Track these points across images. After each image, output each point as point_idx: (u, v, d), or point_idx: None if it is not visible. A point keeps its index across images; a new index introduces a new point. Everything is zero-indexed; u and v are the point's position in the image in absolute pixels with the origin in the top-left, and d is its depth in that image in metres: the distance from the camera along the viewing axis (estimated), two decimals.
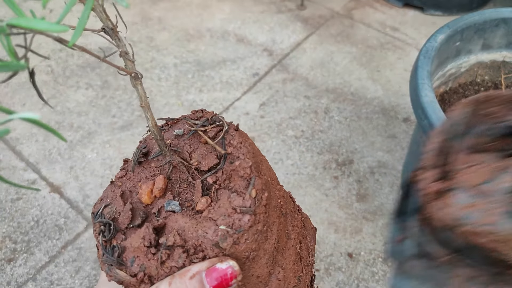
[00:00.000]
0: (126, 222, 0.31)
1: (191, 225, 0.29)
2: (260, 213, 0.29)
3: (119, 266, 0.29)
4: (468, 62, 0.85)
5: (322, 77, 1.29)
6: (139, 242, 0.29)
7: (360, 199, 0.99)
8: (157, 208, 0.32)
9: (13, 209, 0.97)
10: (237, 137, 0.32)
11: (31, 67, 0.23)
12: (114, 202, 0.32)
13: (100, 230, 0.31)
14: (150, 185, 0.32)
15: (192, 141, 0.34)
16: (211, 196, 0.31)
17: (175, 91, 1.24)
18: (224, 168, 0.31)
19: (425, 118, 0.63)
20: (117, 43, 0.28)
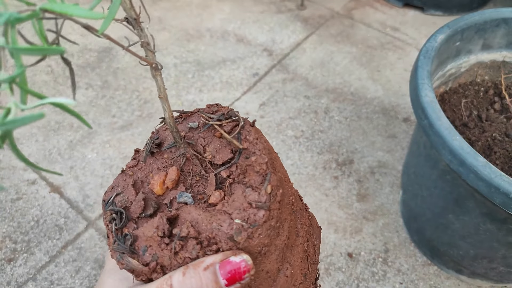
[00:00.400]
0: (138, 212, 0.31)
1: (205, 218, 0.29)
2: (274, 209, 0.30)
3: (131, 255, 0.29)
4: (468, 62, 0.85)
5: (322, 77, 1.29)
6: (152, 232, 0.29)
7: (360, 199, 0.99)
8: (169, 199, 0.32)
9: (13, 209, 0.97)
10: (253, 133, 0.33)
11: (30, 67, 0.23)
12: (125, 191, 0.33)
13: (112, 218, 0.31)
14: (163, 176, 0.33)
15: (206, 135, 0.34)
16: (224, 190, 0.31)
17: (175, 91, 1.24)
18: (238, 163, 0.31)
19: (425, 118, 0.63)
20: (139, 33, 0.28)
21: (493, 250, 0.70)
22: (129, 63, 1.32)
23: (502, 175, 0.55)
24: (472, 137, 0.78)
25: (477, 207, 0.65)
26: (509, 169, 0.73)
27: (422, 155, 0.76)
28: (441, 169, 0.69)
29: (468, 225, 0.69)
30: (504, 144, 0.76)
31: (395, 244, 0.92)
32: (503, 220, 0.63)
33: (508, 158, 0.74)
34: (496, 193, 0.55)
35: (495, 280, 0.82)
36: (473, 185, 0.58)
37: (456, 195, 0.68)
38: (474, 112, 0.84)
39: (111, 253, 0.30)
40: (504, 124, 0.80)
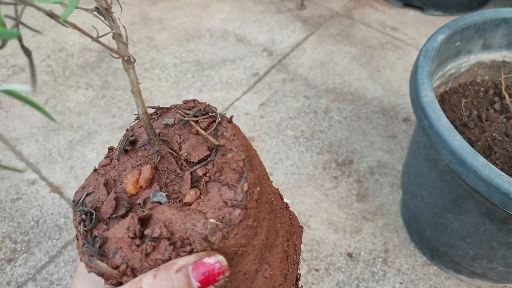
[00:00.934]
0: (109, 212, 0.30)
1: (179, 217, 0.28)
2: (251, 207, 0.29)
3: (100, 257, 0.28)
4: (468, 62, 0.85)
5: (321, 77, 1.29)
6: (122, 233, 0.28)
7: (360, 199, 0.99)
8: (143, 198, 0.31)
9: (13, 209, 0.97)
10: (230, 129, 0.31)
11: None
12: (97, 191, 0.31)
13: (81, 219, 0.29)
14: (136, 175, 0.31)
15: (182, 132, 0.33)
16: (200, 189, 0.30)
17: (175, 91, 1.24)
18: (215, 160, 0.30)
19: (425, 118, 0.63)
20: (110, 24, 0.26)
21: (492, 250, 0.70)
22: None
23: (502, 175, 0.55)
24: (472, 137, 0.78)
25: (477, 207, 0.65)
26: (509, 169, 0.73)
27: (422, 155, 0.76)
28: (440, 169, 0.69)
29: (468, 225, 0.70)
30: (504, 144, 0.76)
31: (395, 244, 0.92)
32: (503, 220, 0.63)
33: (508, 158, 0.74)
34: (496, 193, 0.55)
35: (495, 280, 0.82)
36: (473, 185, 0.58)
37: (455, 195, 0.68)
38: (474, 112, 0.84)
39: (80, 256, 0.29)
40: (504, 124, 0.80)
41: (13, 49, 1.35)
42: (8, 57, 1.33)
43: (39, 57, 1.33)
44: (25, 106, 1.19)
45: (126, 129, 0.35)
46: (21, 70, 1.28)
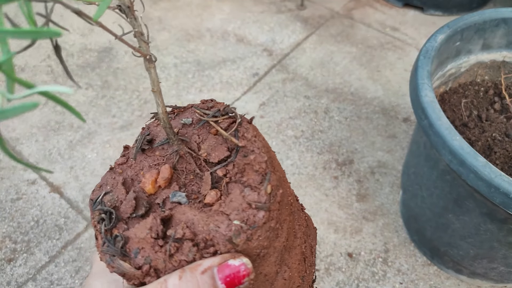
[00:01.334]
0: (129, 212, 0.29)
1: (201, 218, 0.28)
2: (274, 210, 0.28)
3: (123, 257, 0.28)
4: (468, 62, 0.85)
5: (322, 77, 1.29)
6: (145, 233, 0.28)
7: (360, 199, 0.99)
8: (162, 198, 0.30)
9: (13, 209, 0.97)
10: (251, 130, 0.31)
11: (31, 67, 0.22)
12: (115, 190, 0.31)
13: (100, 218, 0.29)
14: (155, 174, 0.31)
15: (201, 132, 0.33)
16: (220, 190, 0.30)
17: (175, 91, 1.24)
18: (235, 161, 0.30)
19: (425, 118, 0.63)
20: (132, 23, 0.26)
21: (493, 250, 0.70)
22: (129, 63, 1.32)
23: (502, 175, 0.55)
24: (472, 137, 0.78)
25: (477, 207, 0.65)
26: (509, 169, 0.73)
27: (422, 155, 0.76)
28: (441, 169, 0.69)
29: (468, 225, 0.69)
30: (504, 144, 0.76)
31: (395, 244, 0.92)
32: (503, 220, 0.63)
33: (508, 158, 0.74)
34: (496, 193, 0.55)
35: (495, 280, 0.82)
36: (473, 185, 0.58)
37: (456, 195, 0.68)
38: (474, 112, 0.84)
39: (100, 255, 0.28)
40: (504, 124, 0.80)
41: (12, 49, 1.35)
42: None
43: (39, 57, 1.33)
44: None
45: (142, 128, 0.35)
46: (21, 70, 1.28)
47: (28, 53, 1.34)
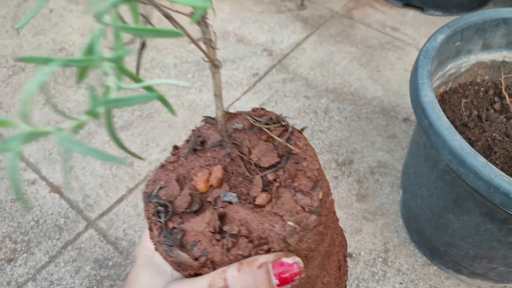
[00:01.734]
0: (183, 207, 0.31)
1: (255, 218, 0.30)
2: (324, 215, 0.30)
3: (181, 248, 0.29)
4: (468, 62, 0.85)
5: (322, 77, 1.29)
6: (203, 227, 0.29)
7: (360, 199, 0.99)
8: (213, 197, 0.32)
9: (13, 209, 0.97)
10: (303, 139, 0.33)
11: (31, 67, 0.23)
12: (169, 186, 0.33)
13: (156, 211, 0.31)
14: (207, 174, 0.33)
15: (252, 137, 0.34)
16: (271, 193, 0.31)
17: (175, 91, 1.24)
18: (286, 167, 0.32)
19: (425, 118, 0.63)
20: (203, 29, 0.28)
21: (493, 250, 0.70)
22: (129, 63, 1.32)
23: (502, 175, 0.55)
24: (472, 137, 0.78)
25: (477, 207, 0.65)
26: (509, 169, 0.73)
27: (422, 155, 0.76)
28: (441, 169, 0.69)
29: (468, 225, 0.69)
30: (504, 144, 0.76)
31: (395, 244, 0.92)
32: (503, 220, 0.63)
33: (508, 158, 0.74)
34: (496, 193, 0.55)
35: (495, 280, 0.82)
36: (473, 185, 0.58)
37: (456, 195, 0.68)
38: (474, 112, 0.84)
39: (156, 246, 0.30)
40: (504, 124, 0.80)
41: (13, 49, 1.35)
42: (8, 57, 1.33)
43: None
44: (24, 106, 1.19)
45: (192, 129, 0.36)
46: (21, 70, 1.28)
47: (28, 53, 1.34)
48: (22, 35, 1.40)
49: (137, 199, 0.99)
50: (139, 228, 0.94)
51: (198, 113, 1.18)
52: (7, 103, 1.19)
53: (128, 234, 0.93)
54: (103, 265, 0.88)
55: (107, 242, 0.92)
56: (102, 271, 0.88)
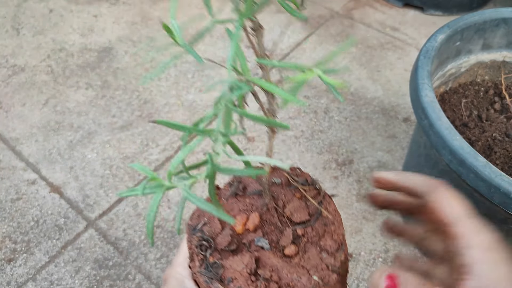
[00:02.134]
0: (223, 244, 0.35)
1: (284, 267, 0.34)
2: (342, 275, 0.34)
3: (220, 282, 0.33)
4: (468, 62, 0.85)
5: None
6: (241, 267, 0.33)
7: (360, 199, 0.99)
8: (248, 240, 0.36)
9: (13, 209, 0.97)
10: (333, 205, 0.38)
11: (31, 67, 0.23)
12: (211, 223, 0.37)
13: (200, 244, 0.35)
14: (245, 218, 0.37)
15: (287, 193, 0.39)
16: (298, 246, 0.35)
17: (175, 91, 1.24)
18: (314, 226, 0.36)
19: (425, 118, 0.63)
20: (269, 101, 0.33)
21: None
22: (129, 63, 1.32)
23: (502, 175, 0.55)
24: (472, 137, 0.78)
25: (477, 207, 0.65)
26: (509, 169, 0.73)
27: (422, 155, 0.76)
28: (441, 169, 0.69)
29: None
30: (504, 144, 0.76)
31: (395, 244, 0.92)
32: (503, 220, 0.63)
33: (508, 158, 0.74)
34: (496, 193, 0.55)
35: None
36: (473, 185, 0.58)
37: None
38: (474, 112, 0.84)
39: (196, 275, 0.34)
40: (504, 124, 0.80)
41: (13, 49, 1.35)
42: (8, 57, 1.32)
43: (39, 57, 1.33)
44: (24, 106, 1.19)
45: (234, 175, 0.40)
46: (21, 70, 1.28)
47: (28, 53, 1.34)
48: (22, 35, 1.40)
49: (137, 199, 0.99)
50: (139, 228, 0.94)
51: (198, 113, 1.18)
52: (7, 103, 1.19)
53: (128, 234, 0.93)
54: (103, 265, 0.88)
55: (107, 242, 0.92)
56: (102, 271, 0.88)
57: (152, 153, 1.08)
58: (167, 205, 0.98)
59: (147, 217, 0.21)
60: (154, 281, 0.86)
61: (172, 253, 0.90)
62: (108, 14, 1.48)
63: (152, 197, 0.23)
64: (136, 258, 0.89)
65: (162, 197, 0.93)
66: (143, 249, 0.91)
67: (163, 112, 1.17)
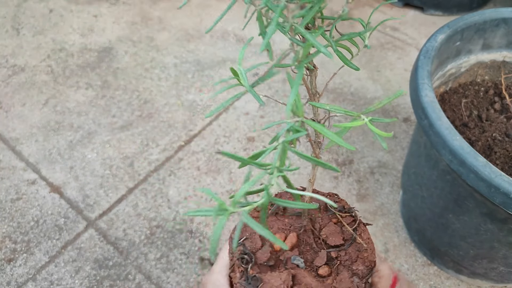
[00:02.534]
0: (263, 259, 0.37)
1: (318, 286, 0.36)
2: None
3: None
4: (468, 62, 0.85)
5: (321, 77, 1.29)
6: (279, 283, 0.35)
7: (360, 199, 0.99)
8: (285, 257, 0.38)
9: (13, 209, 0.97)
10: (367, 233, 0.40)
11: (31, 67, 0.24)
12: (252, 238, 0.39)
13: (242, 257, 0.37)
14: (283, 236, 0.39)
15: (324, 217, 0.41)
16: (331, 267, 0.37)
17: (175, 91, 1.24)
18: (347, 251, 0.38)
19: (425, 118, 0.63)
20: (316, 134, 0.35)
21: (493, 250, 0.70)
22: (129, 63, 1.32)
23: (502, 175, 0.55)
24: (472, 137, 0.78)
25: (477, 207, 0.65)
26: (509, 169, 0.73)
27: (422, 155, 0.76)
28: (441, 169, 0.69)
29: (469, 225, 0.69)
30: (504, 144, 0.76)
31: (395, 244, 0.92)
32: (504, 220, 0.63)
33: (508, 158, 0.74)
34: (496, 193, 0.55)
35: (495, 280, 0.82)
36: (473, 185, 0.58)
37: (456, 195, 0.68)
38: (474, 112, 0.84)
39: (236, 285, 0.36)
40: (504, 124, 0.80)
41: (13, 49, 1.35)
42: (8, 57, 1.32)
43: (39, 57, 1.33)
44: (24, 106, 1.19)
45: (275, 194, 0.42)
46: (21, 70, 1.28)
47: (28, 53, 1.34)
48: (22, 35, 1.40)
49: (137, 199, 0.99)
50: (139, 228, 0.94)
51: (198, 113, 1.18)
52: (7, 103, 1.19)
53: (128, 234, 0.93)
54: (103, 265, 0.88)
55: (107, 242, 0.92)
56: (102, 271, 0.88)
57: (152, 153, 1.08)
58: (167, 205, 0.98)
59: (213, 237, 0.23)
60: (154, 281, 0.86)
61: (172, 253, 0.90)
62: (108, 14, 1.48)
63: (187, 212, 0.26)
64: (136, 258, 0.89)
65: (163, 198, 0.93)
66: (143, 249, 0.91)
67: (163, 112, 1.17)
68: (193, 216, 0.33)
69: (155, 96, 1.22)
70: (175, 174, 1.04)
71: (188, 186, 1.01)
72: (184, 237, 0.93)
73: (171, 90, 1.24)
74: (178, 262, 0.89)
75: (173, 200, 0.99)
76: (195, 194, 1.00)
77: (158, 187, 1.01)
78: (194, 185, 1.02)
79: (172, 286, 0.86)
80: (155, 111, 1.18)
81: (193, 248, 0.91)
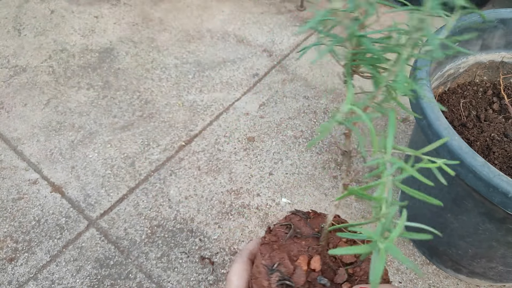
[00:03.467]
0: (300, 283, 0.39)
1: None
2: None
3: None
4: (467, 62, 0.85)
5: (321, 77, 1.29)
6: None
7: (359, 199, 1.00)
8: (312, 278, 0.40)
9: (14, 208, 0.98)
10: None
11: (32, 67, 0.24)
12: (284, 263, 0.40)
13: (282, 283, 0.39)
14: (306, 259, 0.41)
15: (335, 237, 0.44)
16: (352, 283, 0.40)
17: (175, 92, 1.24)
18: (361, 267, 0.41)
19: (424, 119, 0.64)
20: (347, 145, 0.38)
21: (492, 250, 0.70)
22: (130, 63, 1.32)
23: (500, 175, 0.55)
24: (470, 137, 0.79)
25: (476, 206, 0.66)
26: (507, 169, 0.73)
27: None
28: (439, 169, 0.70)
29: (467, 224, 0.70)
30: (503, 144, 0.77)
31: (394, 244, 0.92)
32: (502, 219, 0.63)
33: (506, 158, 0.75)
34: (495, 193, 0.55)
35: (494, 280, 0.82)
36: (471, 185, 0.58)
37: (455, 195, 0.68)
38: (472, 112, 0.84)
39: None
40: (502, 124, 0.81)
41: (14, 49, 1.36)
42: (10, 57, 1.33)
43: (40, 57, 1.33)
44: (26, 107, 1.19)
45: (285, 217, 0.45)
46: (23, 71, 1.29)
47: (29, 53, 1.34)
48: (23, 36, 1.40)
49: (138, 199, 0.99)
50: (140, 227, 0.94)
51: (198, 113, 1.18)
52: (8, 104, 1.20)
53: (129, 234, 0.94)
54: (104, 264, 0.89)
55: (108, 241, 0.92)
56: (103, 270, 0.88)
57: (153, 153, 1.09)
58: (168, 205, 0.98)
59: (374, 275, 0.23)
60: (155, 280, 0.87)
61: (172, 252, 0.91)
62: (109, 15, 1.49)
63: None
64: (137, 257, 0.90)
65: (163, 197, 0.94)
66: (144, 248, 0.91)
67: (164, 112, 1.18)
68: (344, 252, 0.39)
69: (156, 96, 1.23)
70: (176, 173, 1.04)
71: (188, 185, 1.02)
72: (185, 236, 0.93)
73: (171, 91, 1.24)
74: (179, 261, 0.89)
75: (173, 200, 0.99)
76: (195, 194, 1.01)
77: (159, 187, 1.01)
78: (194, 184, 1.02)
79: (173, 285, 0.86)
80: (156, 111, 1.19)
81: (193, 247, 0.92)
